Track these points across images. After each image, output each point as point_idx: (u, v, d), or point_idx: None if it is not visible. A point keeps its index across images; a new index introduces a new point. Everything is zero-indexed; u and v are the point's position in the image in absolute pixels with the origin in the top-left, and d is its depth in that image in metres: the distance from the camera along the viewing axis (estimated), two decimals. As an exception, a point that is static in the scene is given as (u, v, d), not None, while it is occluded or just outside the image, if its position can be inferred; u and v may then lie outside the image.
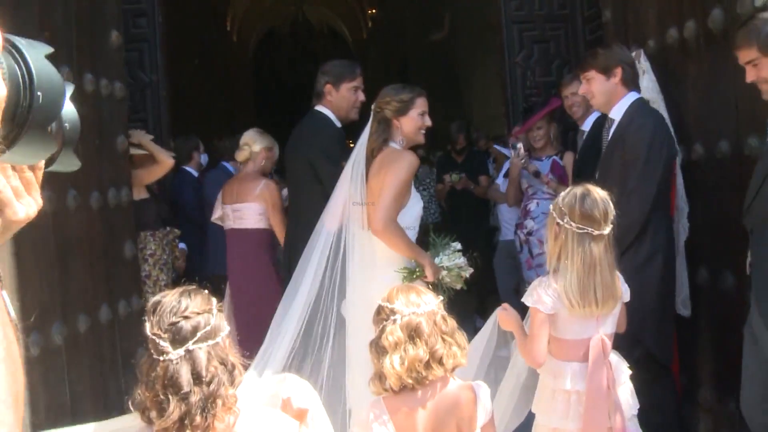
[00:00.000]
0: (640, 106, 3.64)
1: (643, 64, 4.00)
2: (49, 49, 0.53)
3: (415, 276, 3.29)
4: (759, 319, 2.77)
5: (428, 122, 3.50)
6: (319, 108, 4.06)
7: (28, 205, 0.74)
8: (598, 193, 2.67)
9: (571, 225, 2.60)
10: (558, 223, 2.64)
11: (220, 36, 15.92)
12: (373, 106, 3.51)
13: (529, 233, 5.24)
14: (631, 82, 3.60)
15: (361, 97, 4.07)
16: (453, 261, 3.40)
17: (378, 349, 2.16)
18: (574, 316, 2.63)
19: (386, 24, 17.60)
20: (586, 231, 2.59)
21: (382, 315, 2.21)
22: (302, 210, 4.04)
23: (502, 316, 2.84)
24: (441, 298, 2.30)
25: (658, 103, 3.90)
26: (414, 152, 3.53)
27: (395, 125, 3.43)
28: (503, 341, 3.12)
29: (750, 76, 2.83)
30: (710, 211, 3.79)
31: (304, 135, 4.05)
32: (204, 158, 6.38)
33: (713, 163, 3.69)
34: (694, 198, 3.89)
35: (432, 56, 13.73)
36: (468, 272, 3.46)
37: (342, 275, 3.43)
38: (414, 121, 3.44)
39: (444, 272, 3.36)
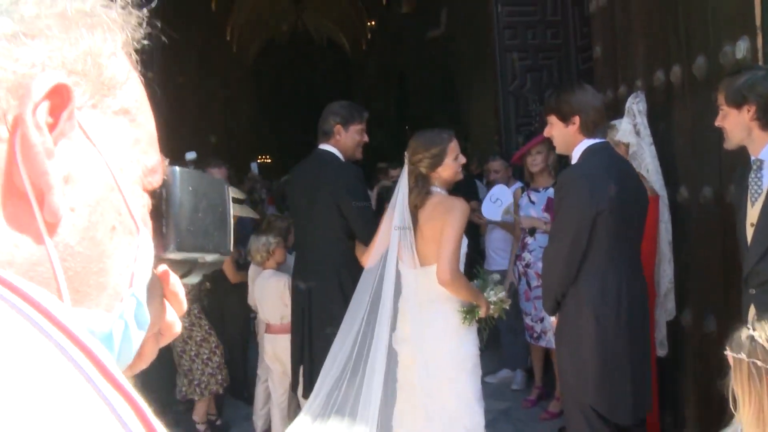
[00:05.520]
0: (584, 155, 3.32)
1: (630, 108, 4.04)
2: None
3: (475, 314, 3.43)
4: None
5: (462, 160, 3.57)
6: (326, 147, 4.16)
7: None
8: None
9: None
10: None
11: (219, 45, 15.97)
12: (405, 159, 3.55)
13: (527, 265, 5.30)
14: (591, 127, 3.31)
15: (366, 138, 4.23)
16: (498, 295, 3.53)
17: None
18: None
19: (385, 36, 17.66)
20: None
21: None
22: (319, 242, 4.13)
23: None
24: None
25: (638, 146, 3.95)
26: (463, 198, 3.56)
27: (433, 177, 3.49)
28: None
29: (718, 119, 2.96)
30: (695, 253, 3.83)
31: (325, 175, 4.11)
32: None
33: (697, 207, 3.73)
34: (680, 240, 3.93)
35: (430, 70, 13.78)
36: (508, 304, 3.58)
37: (391, 311, 3.54)
38: (450, 167, 3.50)
39: (492, 306, 3.49)
